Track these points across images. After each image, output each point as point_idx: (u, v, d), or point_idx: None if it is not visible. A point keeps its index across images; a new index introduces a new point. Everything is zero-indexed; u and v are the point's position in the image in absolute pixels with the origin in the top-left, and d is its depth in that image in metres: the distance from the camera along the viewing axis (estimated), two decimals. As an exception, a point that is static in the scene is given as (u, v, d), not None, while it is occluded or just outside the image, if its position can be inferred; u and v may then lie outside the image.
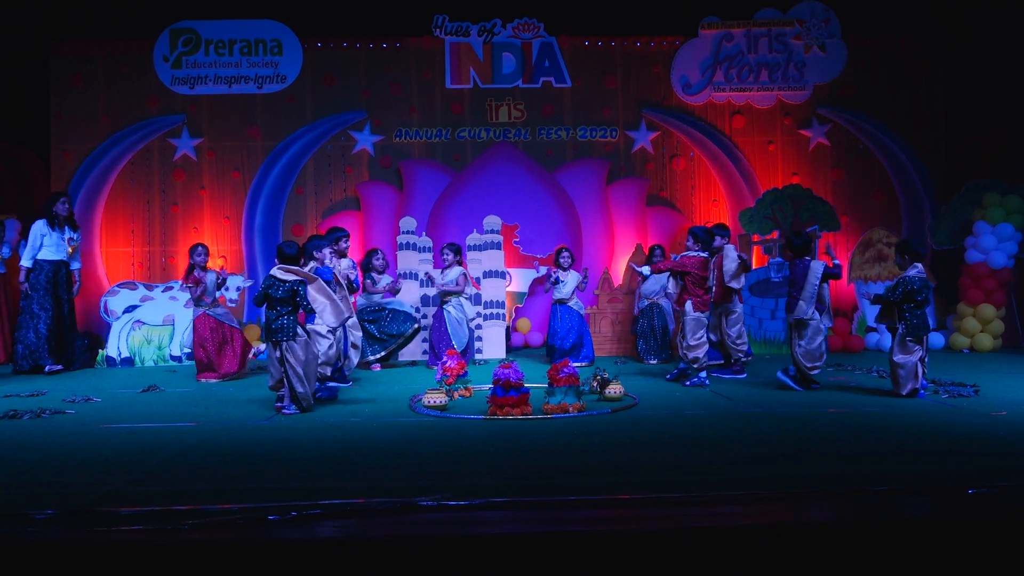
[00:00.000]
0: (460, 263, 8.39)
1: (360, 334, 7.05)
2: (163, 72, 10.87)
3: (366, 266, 8.10)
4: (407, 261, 9.37)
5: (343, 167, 11.05)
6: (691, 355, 6.65)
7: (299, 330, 5.24)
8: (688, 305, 6.72)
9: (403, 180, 11.02)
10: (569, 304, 8.39)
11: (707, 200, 11.09)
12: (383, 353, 8.09)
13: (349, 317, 5.73)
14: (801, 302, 6.24)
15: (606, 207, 11.05)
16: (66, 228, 7.97)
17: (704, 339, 6.71)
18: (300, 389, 5.29)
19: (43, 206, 8.16)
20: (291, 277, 5.23)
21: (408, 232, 9.46)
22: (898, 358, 5.74)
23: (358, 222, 11.12)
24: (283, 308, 5.22)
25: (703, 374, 6.68)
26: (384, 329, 8.08)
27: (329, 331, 5.88)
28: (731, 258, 6.82)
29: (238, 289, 8.46)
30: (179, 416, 5.43)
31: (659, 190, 11.07)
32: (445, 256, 8.33)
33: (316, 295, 5.33)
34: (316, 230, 10.77)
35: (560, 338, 8.30)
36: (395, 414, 5.41)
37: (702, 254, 6.84)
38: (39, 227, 7.89)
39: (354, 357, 6.94)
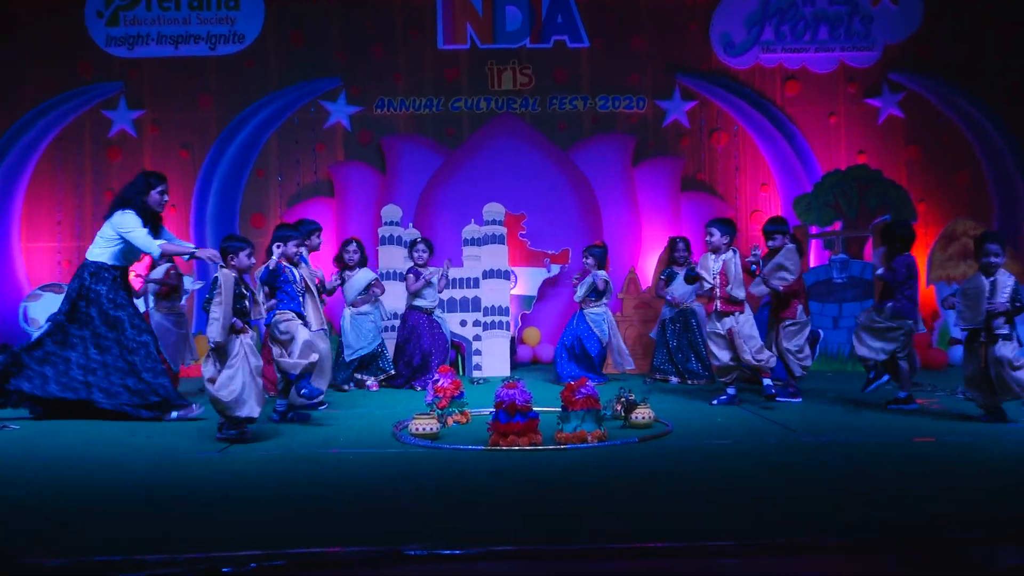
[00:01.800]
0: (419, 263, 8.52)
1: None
2: (96, 31, 10.82)
3: (336, 260, 8.13)
4: (390, 259, 9.32)
5: (313, 144, 11.06)
6: (761, 356, 6.66)
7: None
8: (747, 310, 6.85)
9: (386, 160, 11.02)
10: (584, 310, 8.42)
11: (754, 184, 11.13)
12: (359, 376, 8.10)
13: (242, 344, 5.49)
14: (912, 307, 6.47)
15: (632, 193, 11.04)
16: None
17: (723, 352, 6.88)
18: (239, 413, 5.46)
19: None
20: (215, 275, 5.52)
21: (392, 223, 9.48)
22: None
23: (331, 210, 11.06)
24: None
25: (732, 389, 6.91)
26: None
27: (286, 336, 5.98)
28: (786, 258, 6.94)
29: (186, 292, 8.45)
30: (114, 447, 5.40)
31: (696, 172, 11.10)
32: (417, 254, 8.34)
33: (213, 307, 5.39)
34: (281, 220, 10.67)
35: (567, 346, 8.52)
36: (376, 444, 5.39)
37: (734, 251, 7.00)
38: None
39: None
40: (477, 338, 9.29)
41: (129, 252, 6.56)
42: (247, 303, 5.51)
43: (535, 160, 10.81)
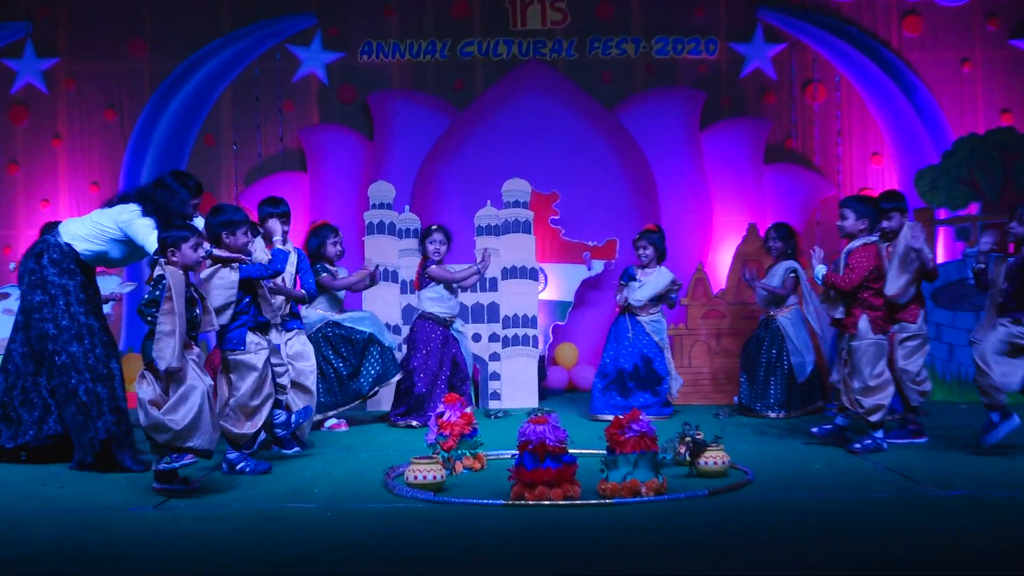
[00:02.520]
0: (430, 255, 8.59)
1: (308, 371, 7.10)
2: (-8, -47, 11.86)
3: (316, 252, 8.17)
4: (380, 251, 9.41)
5: (279, 102, 11.24)
6: (868, 401, 6.70)
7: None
8: (863, 323, 6.79)
9: (374, 124, 11.11)
10: (640, 316, 8.61)
11: (862, 153, 11.29)
12: (343, 408, 8.15)
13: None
14: None
15: (699, 165, 11.16)
16: None
17: (887, 375, 6.81)
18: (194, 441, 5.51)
19: None
20: (155, 272, 5.50)
21: (382, 206, 9.55)
22: None
23: (302, 189, 11.08)
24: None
25: (881, 432, 6.77)
26: (365, 371, 8.18)
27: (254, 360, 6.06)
28: (909, 241, 6.94)
29: (112, 296, 8.43)
30: (20, 502, 5.37)
31: (785, 137, 11.28)
32: (433, 246, 8.40)
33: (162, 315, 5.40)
34: (236, 201, 10.77)
35: (612, 365, 8.61)
36: (363, 497, 5.40)
37: (869, 239, 6.87)
38: None
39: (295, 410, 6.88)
40: (495, 357, 9.34)
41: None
42: (198, 311, 5.54)
43: (571, 123, 10.88)
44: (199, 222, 6.30)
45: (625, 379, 8.54)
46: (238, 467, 6.12)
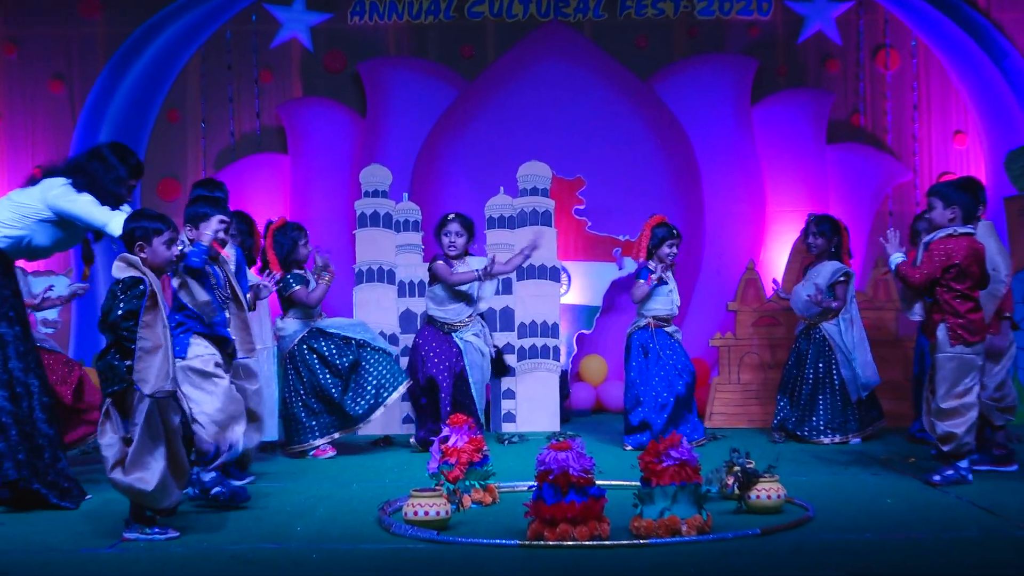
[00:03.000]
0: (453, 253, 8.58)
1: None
2: None
3: (286, 258, 8.16)
4: (374, 248, 9.50)
5: (254, 72, 11.36)
6: (940, 427, 6.68)
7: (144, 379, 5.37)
8: (940, 332, 6.73)
9: (367, 97, 11.27)
10: (668, 330, 8.58)
11: (942, 132, 11.39)
12: (336, 434, 8.22)
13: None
14: None
15: (750, 145, 11.26)
16: None
17: (967, 400, 6.69)
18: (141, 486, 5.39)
19: None
20: (124, 274, 5.37)
21: (375, 193, 9.60)
22: None
23: (282, 173, 11.24)
24: (109, 337, 5.46)
25: (966, 462, 6.69)
26: (358, 385, 8.24)
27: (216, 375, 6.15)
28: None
29: (58, 299, 8.20)
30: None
31: (851, 112, 11.39)
32: (447, 239, 8.50)
33: (147, 332, 5.26)
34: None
35: (647, 391, 8.47)
36: (354, 536, 5.38)
37: (960, 230, 6.81)
38: None
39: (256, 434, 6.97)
40: (510, 372, 9.38)
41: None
42: (218, 280, 5.65)
43: (598, 95, 11.00)
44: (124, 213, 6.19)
45: (679, 402, 8.46)
46: (212, 492, 6.08)
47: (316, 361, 8.12)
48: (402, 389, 8.24)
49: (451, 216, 8.57)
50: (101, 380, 5.31)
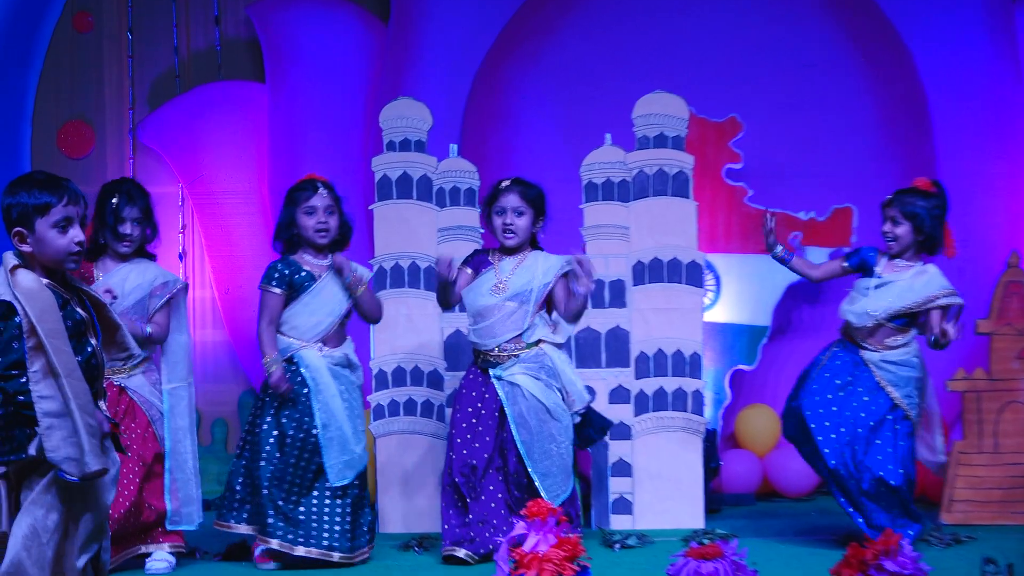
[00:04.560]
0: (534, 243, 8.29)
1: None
2: None
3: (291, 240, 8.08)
4: (403, 231, 9.32)
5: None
6: None
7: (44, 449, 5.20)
8: None
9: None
10: (869, 348, 8.35)
11: None
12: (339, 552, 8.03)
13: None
14: None
15: (1013, 71, 10.93)
16: None
17: None
18: None
19: None
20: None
21: (406, 146, 9.40)
22: None
23: (256, 114, 11.17)
24: None
25: None
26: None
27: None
28: None
29: None
30: None
31: None
32: (500, 219, 8.20)
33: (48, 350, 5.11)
34: (131, 140, 11.05)
35: (835, 443, 8.33)
36: None
37: None
38: None
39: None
40: (621, 434, 9.06)
41: None
42: (93, 344, 5.34)
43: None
44: None
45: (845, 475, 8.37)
46: None
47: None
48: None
49: (506, 183, 8.32)
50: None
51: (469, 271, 8.35)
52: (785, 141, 10.91)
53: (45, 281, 5.25)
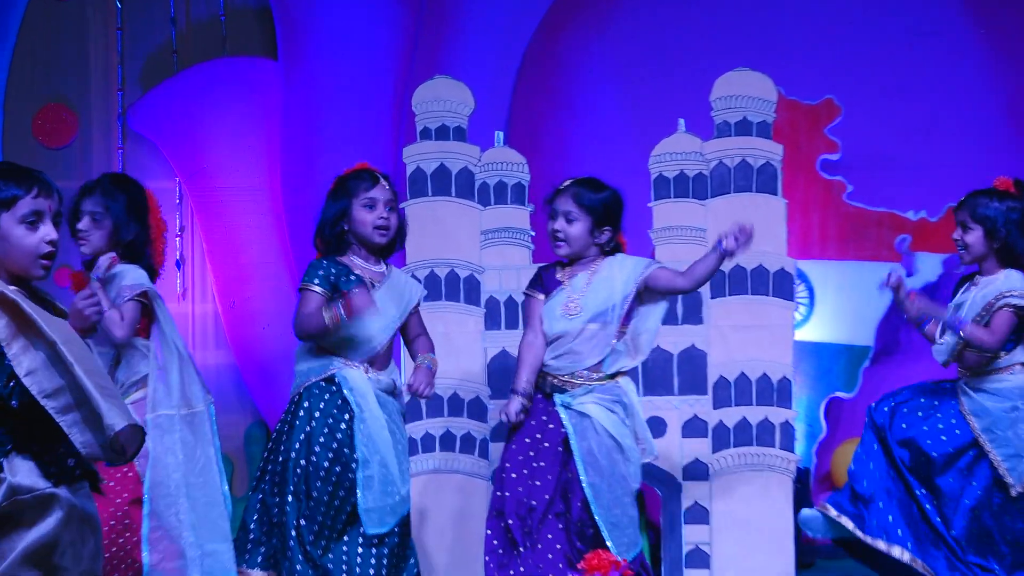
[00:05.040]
0: (618, 246, 8.06)
1: None
2: None
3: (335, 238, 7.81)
4: (440, 234, 9.25)
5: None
6: None
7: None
8: None
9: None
10: (968, 377, 8.17)
11: None
12: None
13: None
14: None
15: None
16: None
17: None
18: None
19: None
20: None
21: (443, 134, 9.34)
22: None
23: (266, 94, 11.23)
24: None
25: None
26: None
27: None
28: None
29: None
30: None
31: None
32: (553, 223, 7.93)
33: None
34: (122, 123, 11.21)
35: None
36: None
37: None
38: None
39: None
40: (696, 473, 9.05)
41: None
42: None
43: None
44: None
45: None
46: None
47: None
48: None
49: (565, 183, 8.04)
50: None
51: (541, 296, 8.12)
52: (891, 127, 10.80)
53: (12, 288, 5.01)
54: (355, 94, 11.25)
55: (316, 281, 8.02)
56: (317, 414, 8.09)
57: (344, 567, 8.22)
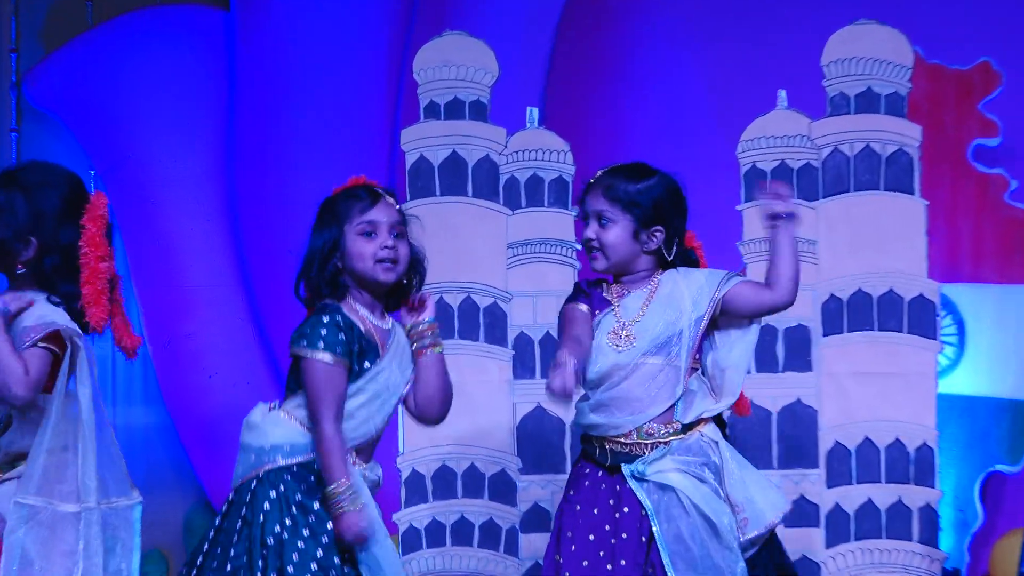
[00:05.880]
0: (686, 253, 7.42)
1: None
2: None
3: (326, 278, 6.94)
4: (454, 245, 9.18)
5: None
6: None
7: None
8: None
9: None
10: None
11: None
12: None
13: None
14: None
15: None
16: None
17: None
18: None
19: None
20: None
21: (454, 109, 9.36)
22: None
23: (212, 55, 11.29)
24: None
25: None
26: None
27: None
28: None
29: None
30: None
31: None
32: (595, 221, 7.18)
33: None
34: (15, 98, 11.37)
35: None
36: None
37: None
38: None
39: None
40: (807, 573, 8.80)
41: None
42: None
43: None
44: None
45: None
46: None
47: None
48: None
49: (595, 177, 7.34)
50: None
51: (584, 307, 7.18)
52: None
53: None
54: (335, 56, 11.07)
55: (336, 349, 6.82)
56: (288, 520, 6.79)
57: None
